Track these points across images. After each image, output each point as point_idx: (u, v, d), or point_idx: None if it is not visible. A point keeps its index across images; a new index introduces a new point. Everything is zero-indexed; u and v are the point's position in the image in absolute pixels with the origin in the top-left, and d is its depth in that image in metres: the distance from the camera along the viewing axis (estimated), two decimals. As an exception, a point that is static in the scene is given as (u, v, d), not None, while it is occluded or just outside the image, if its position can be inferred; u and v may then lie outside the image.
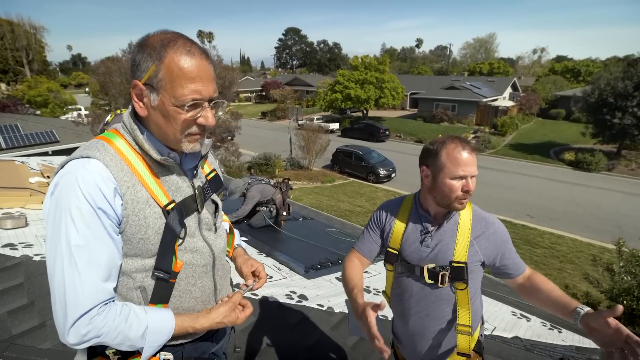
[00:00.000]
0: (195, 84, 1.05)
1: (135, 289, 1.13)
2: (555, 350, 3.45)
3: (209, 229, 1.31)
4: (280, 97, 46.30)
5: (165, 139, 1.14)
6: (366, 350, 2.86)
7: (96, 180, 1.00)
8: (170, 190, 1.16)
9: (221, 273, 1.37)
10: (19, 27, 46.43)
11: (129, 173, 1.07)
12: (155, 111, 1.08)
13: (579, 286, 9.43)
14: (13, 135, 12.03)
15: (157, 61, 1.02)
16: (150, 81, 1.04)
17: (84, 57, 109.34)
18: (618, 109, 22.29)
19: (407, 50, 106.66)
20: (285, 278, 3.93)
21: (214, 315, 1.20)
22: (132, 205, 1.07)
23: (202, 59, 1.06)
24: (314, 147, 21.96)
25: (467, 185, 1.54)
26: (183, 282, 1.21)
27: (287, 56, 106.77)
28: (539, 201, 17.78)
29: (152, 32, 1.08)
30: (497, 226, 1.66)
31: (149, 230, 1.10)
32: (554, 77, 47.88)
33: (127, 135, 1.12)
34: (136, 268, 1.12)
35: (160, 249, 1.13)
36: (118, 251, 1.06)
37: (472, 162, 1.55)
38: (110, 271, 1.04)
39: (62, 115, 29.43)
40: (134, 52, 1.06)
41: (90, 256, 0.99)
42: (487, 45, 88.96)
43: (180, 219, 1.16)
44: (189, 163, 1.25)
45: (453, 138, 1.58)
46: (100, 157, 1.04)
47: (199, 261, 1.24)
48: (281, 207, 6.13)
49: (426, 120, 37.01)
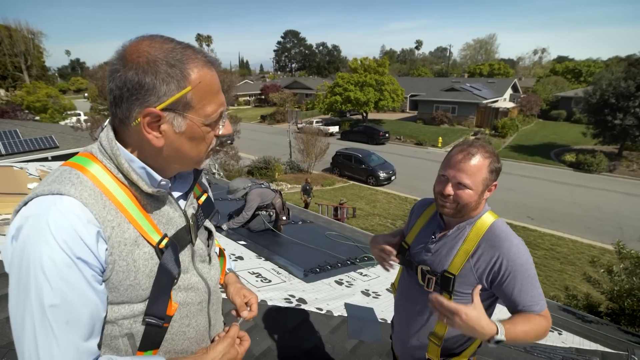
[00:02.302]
0: (219, 96, 0.96)
1: (122, 337, 0.97)
2: (555, 353, 3.44)
3: (203, 261, 1.18)
4: (280, 100, 46.40)
5: (182, 163, 1.00)
6: (365, 354, 2.85)
7: (73, 224, 0.82)
8: (160, 223, 1.01)
9: (215, 307, 1.26)
10: (17, 32, 46.47)
11: (112, 210, 0.90)
12: (180, 137, 0.92)
13: (580, 287, 9.43)
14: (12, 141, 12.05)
15: (184, 81, 0.87)
16: (173, 105, 0.88)
17: (82, 62, 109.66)
18: (619, 110, 22.34)
19: (406, 52, 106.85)
20: (284, 282, 3.93)
21: (213, 355, 1.07)
22: (119, 249, 0.90)
23: (214, 66, 0.96)
24: (313, 150, 21.96)
25: (443, 189, 1.52)
26: (176, 323, 1.07)
27: (286, 59, 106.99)
28: (540, 203, 17.78)
29: (134, 44, 0.88)
30: (511, 255, 1.46)
31: (139, 274, 0.94)
32: (555, 78, 47.99)
33: (106, 162, 0.93)
34: (123, 315, 0.96)
35: (152, 293, 0.98)
36: (102, 303, 0.89)
37: (460, 168, 1.48)
38: (93, 327, 0.87)
39: (62, 120, 29.44)
40: (135, 74, 0.85)
41: (68, 316, 0.81)
42: (487, 47, 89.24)
43: (175, 257, 1.02)
44: (180, 188, 1.11)
45: (471, 143, 1.55)
46: (76, 194, 0.85)
47: (194, 299, 1.11)
48: (281, 212, 6.12)
49: (426, 123, 37.03)
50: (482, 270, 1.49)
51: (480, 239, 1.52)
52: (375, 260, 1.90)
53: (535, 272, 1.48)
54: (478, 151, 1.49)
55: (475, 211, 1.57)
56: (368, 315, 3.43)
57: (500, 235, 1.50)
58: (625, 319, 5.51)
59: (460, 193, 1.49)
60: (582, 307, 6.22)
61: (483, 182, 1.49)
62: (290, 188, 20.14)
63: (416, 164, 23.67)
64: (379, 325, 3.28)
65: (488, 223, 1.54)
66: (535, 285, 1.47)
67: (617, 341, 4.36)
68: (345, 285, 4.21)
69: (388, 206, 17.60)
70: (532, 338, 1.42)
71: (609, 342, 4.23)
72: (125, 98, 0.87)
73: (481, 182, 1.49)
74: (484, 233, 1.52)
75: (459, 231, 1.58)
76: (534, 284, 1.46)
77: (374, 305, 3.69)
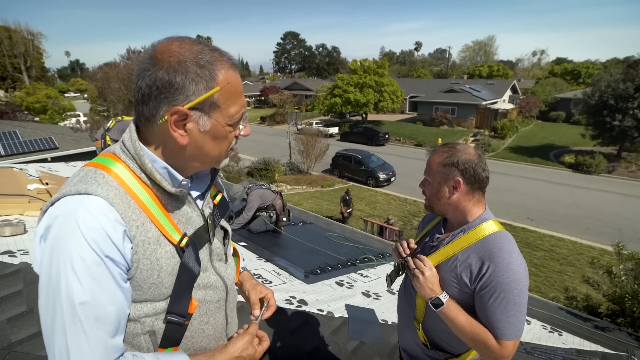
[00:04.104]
0: (242, 98, 0.99)
1: (144, 334, 1.00)
2: (556, 354, 3.45)
3: (220, 260, 1.20)
4: (279, 101, 46.37)
5: (203, 161, 1.02)
6: (366, 355, 2.85)
7: (102, 223, 0.84)
8: (180, 222, 1.04)
9: (232, 305, 1.28)
10: (17, 33, 46.44)
11: (136, 209, 0.93)
12: (204, 136, 0.95)
13: (579, 289, 9.43)
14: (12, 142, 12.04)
15: (212, 81, 0.90)
16: (200, 105, 0.91)
17: (82, 63, 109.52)
18: (618, 111, 22.38)
19: (406, 53, 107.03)
20: (285, 283, 3.93)
21: (232, 350, 1.10)
22: (143, 248, 0.93)
23: (237, 67, 1.00)
24: (313, 151, 21.94)
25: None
26: (196, 321, 1.10)
27: (285, 60, 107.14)
28: (539, 204, 17.80)
29: (164, 45, 0.91)
30: (499, 270, 1.42)
31: (162, 273, 0.97)
32: (554, 80, 48.07)
33: (129, 162, 0.96)
34: (145, 313, 0.99)
35: (174, 291, 1.01)
36: (127, 300, 0.92)
37: (426, 165, 1.69)
38: (119, 324, 0.90)
39: (61, 121, 29.47)
40: (166, 73, 0.87)
41: (97, 312, 0.84)
42: (487, 48, 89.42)
43: (196, 256, 1.04)
44: (198, 188, 1.14)
45: (442, 144, 1.69)
46: (103, 194, 0.88)
47: (212, 297, 1.14)
48: (281, 213, 6.13)
49: (425, 124, 37.08)
50: (468, 277, 1.50)
51: (468, 247, 1.54)
52: (376, 261, 1.95)
53: (520, 300, 1.40)
54: (439, 149, 1.64)
55: (464, 213, 1.61)
56: (369, 316, 3.43)
57: (496, 246, 1.48)
58: (625, 320, 5.51)
59: (426, 186, 1.69)
60: (582, 308, 6.22)
61: (438, 174, 1.60)
62: (290, 189, 20.13)
63: (416, 165, 23.63)
64: (379, 326, 3.28)
65: (485, 232, 1.53)
66: (510, 312, 1.40)
67: (617, 342, 4.37)
68: (346, 286, 4.21)
69: (388, 207, 17.60)
70: (467, 336, 1.48)
71: (609, 343, 4.24)
72: (154, 96, 0.89)
73: (436, 175, 1.61)
74: (477, 241, 1.53)
75: (452, 237, 1.63)
76: (510, 308, 1.40)
77: (374, 306, 3.69)
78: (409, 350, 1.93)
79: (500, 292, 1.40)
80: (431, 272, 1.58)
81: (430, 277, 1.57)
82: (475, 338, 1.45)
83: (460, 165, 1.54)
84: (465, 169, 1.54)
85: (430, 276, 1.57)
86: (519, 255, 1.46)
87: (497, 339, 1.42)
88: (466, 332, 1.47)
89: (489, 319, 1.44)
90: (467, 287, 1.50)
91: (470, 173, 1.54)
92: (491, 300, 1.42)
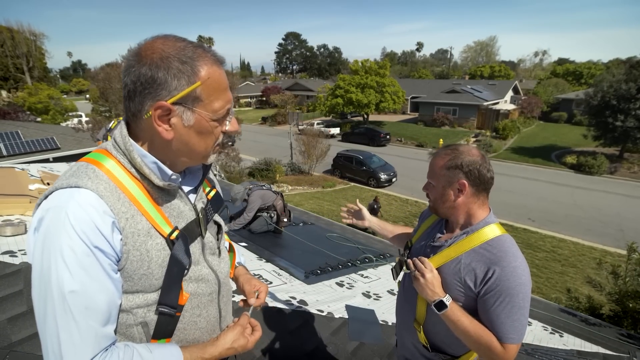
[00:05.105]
0: (227, 93, 1.01)
1: (136, 325, 1.02)
2: (557, 355, 3.44)
3: (213, 254, 1.22)
4: (281, 102, 46.38)
5: (190, 156, 1.05)
6: (366, 356, 2.85)
7: (91, 215, 0.87)
8: (171, 216, 1.06)
9: (226, 299, 1.30)
10: (19, 34, 46.68)
11: (126, 202, 0.95)
12: (188, 130, 0.97)
13: (581, 290, 9.41)
14: (14, 142, 12.06)
15: (194, 77, 0.92)
16: (183, 100, 0.93)
17: (84, 64, 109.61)
18: (620, 112, 22.33)
19: (407, 54, 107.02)
20: (285, 283, 3.93)
21: (223, 342, 1.12)
22: (133, 239, 0.96)
23: (223, 65, 1.01)
24: (314, 152, 21.94)
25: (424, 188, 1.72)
26: (188, 313, 1.12)
27: (287, 61, 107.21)
28: (541, 205, 17.76)
29: (149, 42, 0.94)
30: (504, 274, 1.41)
31: (152, 264, 0.99)
32: (556, 80, 48.00)
33: (120, 157, 0.99)
34: (137, 304, 1.01)
35: (165, 283, 1.03)
36: (117, 291, 0.94)
37: (428, 168, 1.68)
38: (110, 313, 0.92)
39: (63, 122, 29.49)
40: (148, 69, 0.90)
41: (87, 301, 0.86)
42: (488, 49, 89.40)
43: (186, 248, 1.06)
44: (190, 183, 1.17)
45: (445, 146, 1.68)
46: (93, 187, 0.91)
47: (204, 290, 1.16)
48: (282, 213, 6.13)
49: (427, 124, 37.04)
50: (472, 280, 1.49)
51: (472, 250, 1.52)
52: (376, 262, 1.95)
53: (524, 304, 1.41)
54: (441, 152, 1.63)
55: (469, 216, 1.59)
56: (369, 317, 3.42)
57: (501, 250, 1.47)
58: (627, 321, 5.49)
59: (430, 189, 1.67)
60: (583, 310, 6.21)
61: (442, 177, 1.58)
62: (291, 190, 20.13)
63: (417, 165, 23.61)
64: (379, 327, 3.27)
65: (489, 236, 1.52)
66: (515, 316, 1.41)
67: (619, 343, 4.36)
68: (346, 287, 4.20)
69: (389, 208, 17.59)
70: (471, 339, 1.46)
71: (611, 345, 4.23)
72: (138, 92, 0.92)
73: (440, 178, 1.59)
74: (480, 244, 1.52)
75: (455, 240, 1.61)
76: (515, 311, 1.40)
77: (374, 307, 3.68)
78: (407, 355, 1.90)
79: (506, 296, 1.40)
80: (432, 274, 1.55)
81: (431, 280, 1.54)
82: (479, 341, 1.44)
83: (464, 167, 1.53)
84: (470, 170, 1.52)
85: (432, 278, 1.54)
86: (524, 260, 1.46)
87: (501, 342, 1.42)
88: (470, 335, 1.46)
89: (494, 322, 1.43)
90: (471, 290, 1.49)
91: (475, 174, 1.53)
92: (496, 304, 1.42)
